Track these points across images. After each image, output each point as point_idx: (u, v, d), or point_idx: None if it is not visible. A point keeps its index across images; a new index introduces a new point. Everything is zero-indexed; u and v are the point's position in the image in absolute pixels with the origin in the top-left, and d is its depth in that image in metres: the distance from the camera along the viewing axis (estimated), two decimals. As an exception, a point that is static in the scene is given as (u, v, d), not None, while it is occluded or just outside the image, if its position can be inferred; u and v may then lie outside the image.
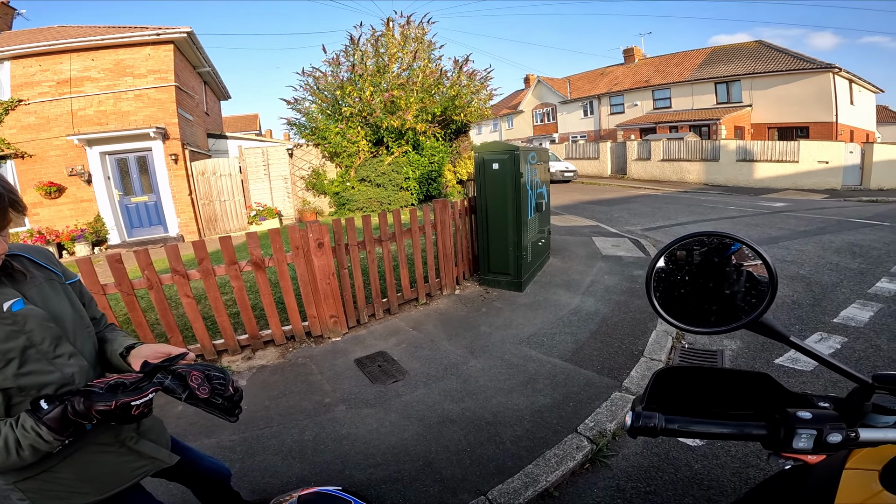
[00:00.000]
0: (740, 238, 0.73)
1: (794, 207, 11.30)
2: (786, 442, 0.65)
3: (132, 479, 1.27)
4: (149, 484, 1.38)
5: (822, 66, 19.17)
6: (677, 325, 0.76)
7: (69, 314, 1.15)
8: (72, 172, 10.30)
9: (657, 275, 0.78)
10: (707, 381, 0.72)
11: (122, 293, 3.16)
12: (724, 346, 3.54)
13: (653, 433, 0.65)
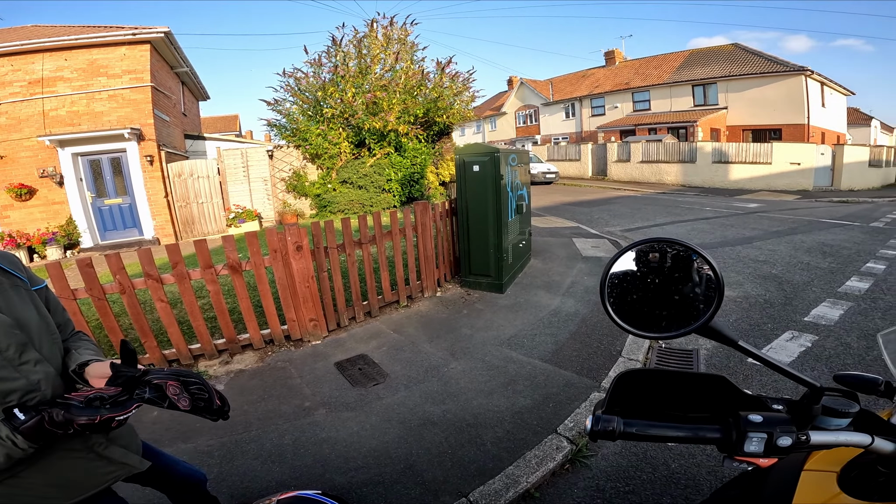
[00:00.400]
0: (689, 245, 0.74)
1: (768, 208, 11.61)
2: (737, 445, 0.65)
3: (102, 483, 1.26)
4: (124, 489, 1.37)
5: (795, 69, 19.70)
6: (630, 330, 0.76)
7: (35, 321, 1.14)
8: (43, 174, 9.98)
9: (611, 281, 0.79)
10: (668, 384, 0.73)
11: (93, 298, 3.08)
12: (700, 346, 3.61)
13: (612, 437, 0.65)
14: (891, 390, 0.79)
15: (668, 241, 0.75)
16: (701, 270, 0.73)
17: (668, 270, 0.75)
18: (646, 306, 0.76)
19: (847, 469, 0.73)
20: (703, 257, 0.72)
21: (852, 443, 0.64)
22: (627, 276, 0.78)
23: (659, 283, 0.76)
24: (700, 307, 0.71)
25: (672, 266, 0.75)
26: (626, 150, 20.81)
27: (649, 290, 0.76)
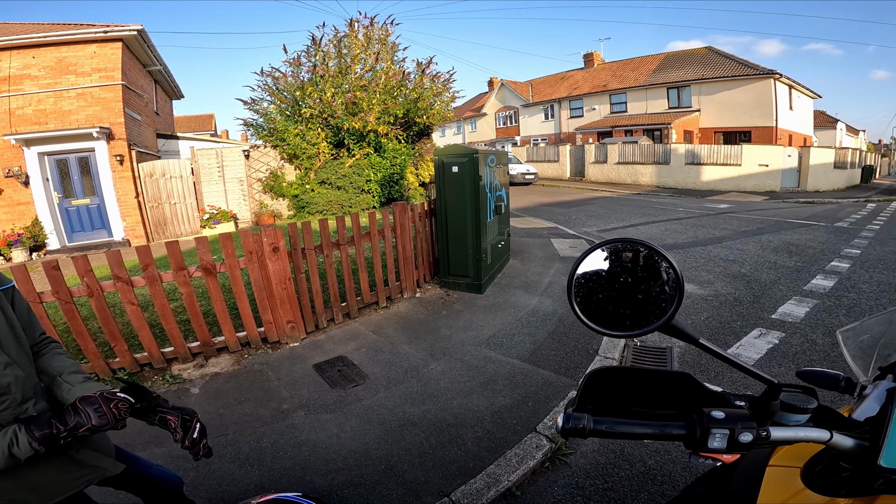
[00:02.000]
0: (651, 245, 0.76)
1: (737, 209, 11.96)
2: (702, 441, 0.66)
3: (75, 487, 1.25)
4: (98, 493, 1.35)
5: (765, 73, 20.34)
6: (596, 328, 0.78)
7: (2, 324, 1.12)
8: (8, 174, 9.59)
9: (577, 280, 0.80)
10: (635, 381, 0.74)
11: (60, 301, 2.98)
12: (674, 344, 3.70)
13: (582, 434, 0.66)
14: (851, 386, 0.82)
15: (631, 242, 0.77)
16: (663, 270, 0.75)
17: (632, 270, 0.77)
18: (611, 305, 0.78)
19: (810, 465, 0.75)
20: (665, 257, 0.74)
21: (811, 438, 0.66)
22: (593, 275, 0.79)
23: (623, 283, 0.77)
24: (663, 306, 0.73)
25: (635, 266, 0.77)
26: (603, 151, 21.15)
27: (614, 290, 0.78)
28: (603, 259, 0.79)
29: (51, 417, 1.06)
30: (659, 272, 0.75)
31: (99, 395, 1.10)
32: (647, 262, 0.76)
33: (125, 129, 10.38)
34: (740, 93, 21.08)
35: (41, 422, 1.06)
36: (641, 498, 2.12)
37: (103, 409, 1.08)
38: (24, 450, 1.03)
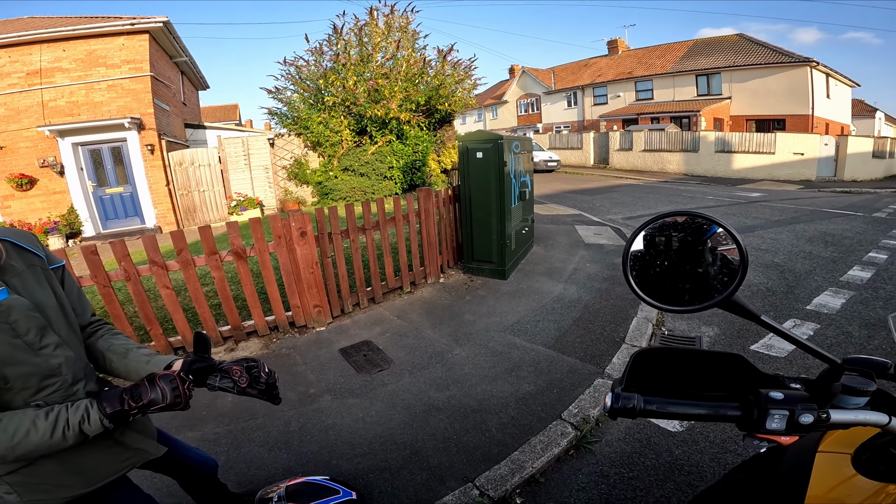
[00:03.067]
0: (713, 218, 0.73)
1: (770, 197, 11.56)
2: (759, 423, 0.65)
3: (119, 471, 1.25)
4: (135, 476, 1.37)
5: (801, 60, 19.56)
6: (653, 303, 0.76)
7: (52, 303, 1.11)
8: (43, 164, 9.95)
9: (633, 254, 0.79)
10: (683, 362, 0.73)
11: (98, 285, 3.07)
12: (703, 333, 3.62)
13: (632, 414, 0.66)
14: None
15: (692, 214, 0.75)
16: (725, 244, 0.73)
17: (691, 243, 0.75)
18: (668, 279, 0.76)
19: (860, 451, 0.73)
20: (728, 231, 0.72)
21: (870, 422, 0.64)
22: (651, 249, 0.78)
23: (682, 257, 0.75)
24: (725, 280, 0.71)
25: (695, 239, 0.75)
26: (628, 138, 20.69)
27: (672, 264, 0.76)
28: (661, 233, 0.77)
29: (122, 393, 1.05)
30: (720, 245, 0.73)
31: (178, 375, 1.10)
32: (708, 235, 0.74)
33: (155, 120, 10.64)
34: (774, 80, 20.33)
35: (112, 398, 1.05)
36: (667, 487, 2.09)
37: (180, 388, 1.08)
38: (95, 426, 1.02)
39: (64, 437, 0.98)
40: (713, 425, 2.48)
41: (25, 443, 0.94)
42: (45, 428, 0.96)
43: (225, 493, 1.88)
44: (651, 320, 3.77)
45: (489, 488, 2.10)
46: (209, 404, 2.88)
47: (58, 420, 0.98)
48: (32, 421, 0.96)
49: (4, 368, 0.96)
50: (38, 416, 0.97)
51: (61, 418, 0.98)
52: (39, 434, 0.96)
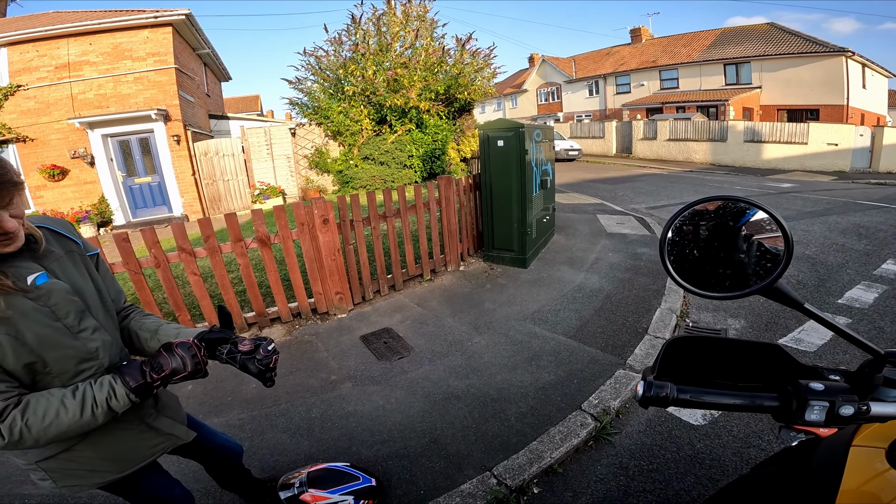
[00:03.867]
0: (756, 202, 0.71)
1: (802, 188, 11.19)
2: (798, 414, 0.64)
3: (150, 456, 1.28)
4: (163, 460, 1.40)
5: (835, 50, 18.89)
6: (691, 289, 0.74)
7: (90, 288, 1.14)
8: (74, 155, 10.27)
9: (672, 238, 0.77)
10: (717, 351, 0.71)
11: (130, 272, 3.15)
12: (728, 325, 3.54)
13: (664, 403, 0.65)
14: None
15: (733, 199, 0.73)
16: (767, 228, 0.71)
17: (731, 229, 0.73)
18: (708, 265, 0.74)
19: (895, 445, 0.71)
20: (772, 215, 0.70)
21: None
22: (690, 233, 0.76)
23: (723, 242, 0.73)
24: (767, 266, 0.69)
25: (736, 225, 0.73)
26: (652, 127, 20.24)
27: (712, 249, 0.74)
28: (700, 217, 0.75)
29: (142, 365, 1.06)
30: (763, 230, 0.71)
31: (193, 341, 1.12)
32: (749, 220, 0.72)
33: (180, 111, 10.86)
34: (807, 70, 19.66)
35: (133, 370, 1.05)
36: (687, 481, 2.07)
37: (198, 356, 1.10)
38: (122, 402, 1.03)
39: (94, 416, 0.99)
40: (737, 419, 2.43)
41: (57, 423, 0.95)
42: (74, 407, 0.97)
43: (248, 479, 1.92)
44: (675, 311, 3.71)
45: (507, 477, 2.10)
46: (234, 390, 2.95)
47: (84, 398, 0.99)
48: (61, 401, 0.96)
49: (44, 351, 0.98)
50: (65, 396, 0.98)
51: (88, 396, 0.99)
52: (70, 414, 0.96)
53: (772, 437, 2.28)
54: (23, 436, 0.92)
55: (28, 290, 0.97)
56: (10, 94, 9.91)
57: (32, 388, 0.99)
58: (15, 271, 0.96)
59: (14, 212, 0.93)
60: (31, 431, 0.93)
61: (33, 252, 1.03)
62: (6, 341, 0.92)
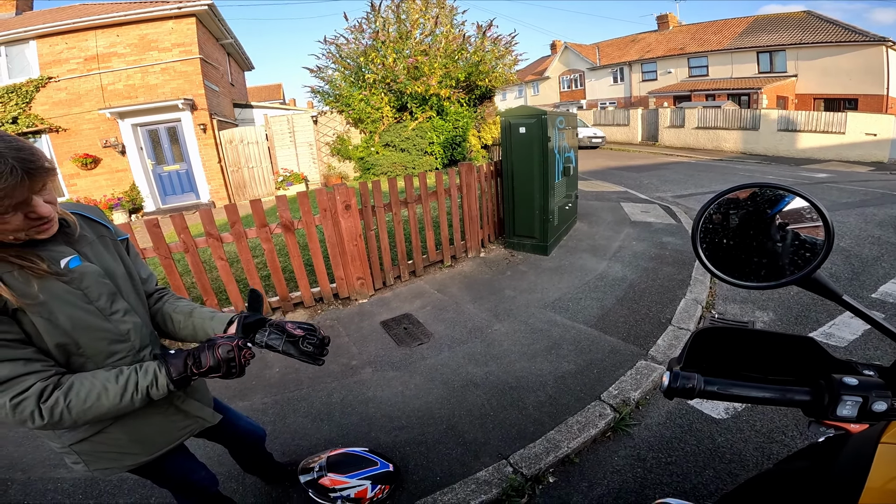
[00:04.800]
0: (795, 190, 0.68)
1: (837, 179, 10.76)
2: (829, 409, 0.62)
3: (179, 438, 1.31)
4: (189, 443, 1.43)
5: (876, 40, 18.04)
6: (724, 278, 0.73)
7: (121, 271, 1.16)
8: (106, 144, 10.59)
9: (704, 225, 0.75)
10: (746, 343, 0.69)
11: (160, 257, 3.23)
12: (756, 318, 3.45)
13: (690, 395, 0.63)
14: None
15: (771, 186, 0.71)
16: (807, 216, 0.68)
17: (768, 217, 0.71)
18: (743, 253, 0.72)
19: None
20: (812, 203, 0.67)
21: None
22: (724, 221, 0.74)
23: (758, 231, 0.71)
24: (806, 256, 0.67)
25: (773, 213, 0.71)
26: (680, 115, 19.69)
27: (749, 237, 0.72)
28: (735, 205, 0.73)
29: (186, 357, 1.07)
30: (801, 219, 0.69)
31: (235, 343, 1.10)
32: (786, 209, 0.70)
33: (206, 100, 11.06)
34: (846, 59, 18.84)
35: (178, 361, 1.06)
36: (706, 475, 2.03)
37: (236, 357, 1.08)
38: (162, 391, 1.04)
39: (132, 401, 1.01)
40: (761, 414, 2.38)
41: (97, 406, 0.97)
42: (116, 391, 0.99)
43: (270, 462, 1.96)
44: (701, 302, 3.63)
45: (523, 466, 2.10)
46: (258, 375, 3.02)
47: (128, 383, 1.01)
48: (104, 385, 0.98)
49: (77, 333, 1.01)
50: (108, 380, 1.00)
51: (131, 381, 1.01)
52: (110, 397, 0.98)
53: (795, 434, 2.22)
54: (62, 417, 0.94)
55: (61, 273, 0.99)
56: (42, 86, 10.22)
57: (66, 369, 1.02)
58: (48, 255, 0.98)
59: (47, 197, 0.95)
60: (72, 413, 0.95)
61: (66, 236, 1.05)
62: (40, 323, 0.95)
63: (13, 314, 0.93)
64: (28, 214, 0.91)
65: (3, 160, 0.84)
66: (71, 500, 2.09)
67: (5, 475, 2.28)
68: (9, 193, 0.85)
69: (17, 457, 2.40)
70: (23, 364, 0.92)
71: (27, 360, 0.93)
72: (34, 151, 0.90)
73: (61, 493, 2.14)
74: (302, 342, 1.20)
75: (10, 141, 0.88)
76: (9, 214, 0.87)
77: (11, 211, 0.87)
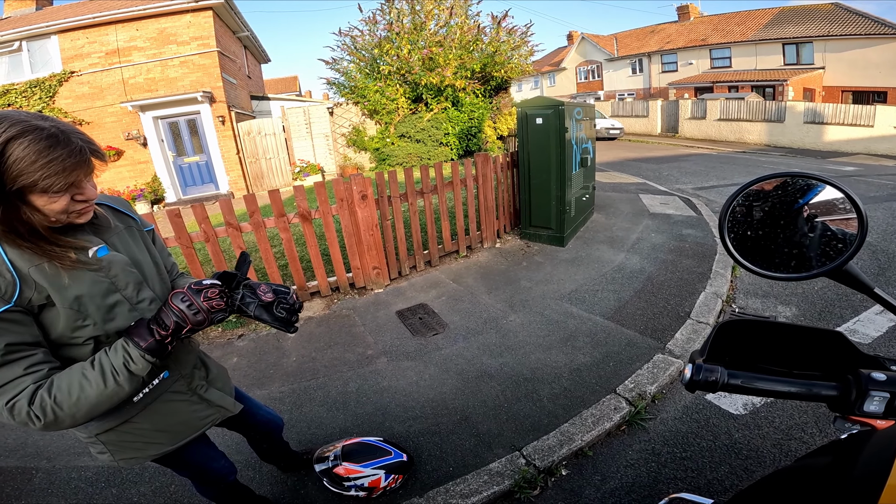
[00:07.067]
0: (827, 179, 0.66)
1: (865, 172, 10.42)
2: (857, 404, 0.61)
3: (201, 427, 1.33)
4: (209, 432, 1.45)
5: (905, 33, 17.38)
6: (753, 269, 0.71)
7: (147, 260, 1.18)
8: (128, 137, 10.81)
9: (732, 215, 0.73)
10: (770, 337, 0.68)
11: (182, 246, 3.29)
12: (778, 312, 3.38)
13: (713, 388, 0.62)
14: None
15: (802, 175, 0.69)
16: (841, 208, 0.66)
17: (799, 207, 0.69)
18: (773, 244, 0.71)
19: None
20: (845, 193, 0.65)
21: None
22: (753, 211, 0.73)
23: (788, 221, 0.70)
24: (838, 247, 0.66)
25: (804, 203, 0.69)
26: (701, 107, 19.27)
27: (778, 227, 0.70)
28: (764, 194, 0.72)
29: (149, 323, 1.02)
30: (833, 209, 0.67)
31: (186, 287, 1.04)
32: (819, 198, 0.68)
33: (224, 93, 11.18)
34: (875, 52, 18.25)
35: (140, 330, 1.01)
36: (721, 470, 2.00)
37: (193, 301, 1.02)
38: (141, 364, 0.98)
39: (117, 383, 0.96)
40: (780, 410, 2.33)
41: (85, 397, 0.93)
42: (96, 378, 0.95)
43: (287, 451, 1.99)
44: (721, 296, 3.56)
45: (536, 458, 2.09)
46: (276, 363, 3.06)
47: (103, 366, 0.96)
48: (81, 373, 0.95)
49: (105, 323, 1.02)
50: (84, 368, 0.96)
51: (105, 363, 0.96)
52: (93, 385, 0.94)
53: (815, 431, 2.18)
54: (56, 414, 0.91)
55: (90, 263, 1.00)
56: (65, 80, 10.45)
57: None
58: (77, 245, 0.99)
59: (92, 183, 0.97)
60: (63, 408, 0.91)
61: (94, 227, 1.07)
62: (68, 315, 0.95)
63: (39, 310, 0.93)
64: (75, 196, 0.93)
65: (72, 139, 0.88)
66: (94, 488, 2.14)
67: (31, 463, 2.35)
68: (70, 171, 0.87)
69: (43, 445, 2.47)
70: (22, 367, 0.90)
71: (31, 363, 0.92)
72: (91, 139, 0.94)
73: (84, 481, 2.19)
74: (276, 307, 1.16)
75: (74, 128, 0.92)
76: (60, 194, 0.89)
77: (64, 191, 0.89)
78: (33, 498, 2.13)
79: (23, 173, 0.83)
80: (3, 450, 2.48)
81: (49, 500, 2.11)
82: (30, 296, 0.91)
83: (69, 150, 0.87)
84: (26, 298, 0.90)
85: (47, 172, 0.85)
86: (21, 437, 2.57)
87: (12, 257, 0.89)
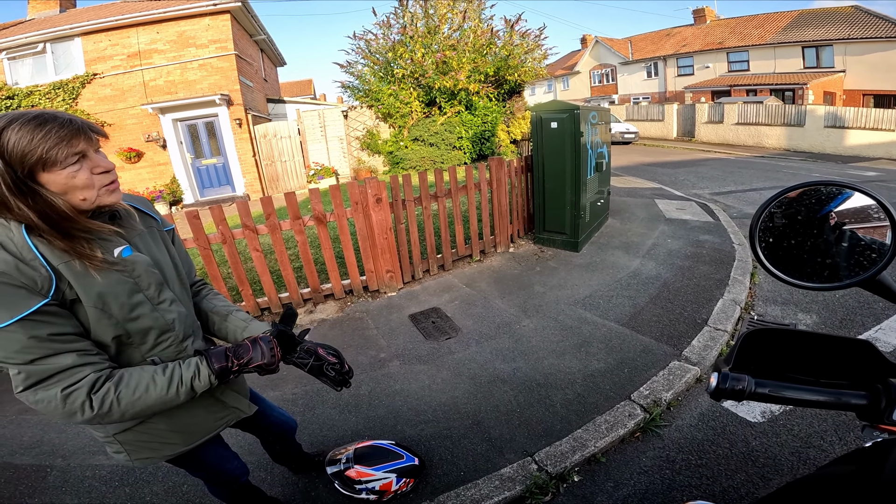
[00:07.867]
0: (860, 187, 0.66)
1: (887, 178, 10.17)
2: (886, 412, 0.61)
3: (216, 428, 1.34)
4: (223, 433, 1.46)
5: (928, 37, 17.00)
6: (785, 278, 0.71)
7: (168, 261, 1.20)
8: (148, 138, 11.03)
9: (763, 224, 0.73)
10: (796, 345, 0.68)
11: (199, 247, 3.34)
12: (798, 321, 3.31)
13: (740, 396, 0.62)
14: None
15: (837, 185, 0.68)
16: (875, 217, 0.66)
17: (830, 216, 0.69)
18: (805, 253, 0.70)
19: None
20: (879, 202, 0.65)
21: None
22: (784, 220, 0.72)
23: (820, 230, 0.69)
24: (872, 257, 0.65)
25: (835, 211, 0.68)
26: (718, 111, 19.02)
27: (808, 237, 0.70)
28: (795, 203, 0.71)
29: (227, 350, 1.11)
30: (866, 217, 0.66)
31: (273, 337, 1.18)
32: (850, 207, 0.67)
33: (241, 96, 11.36)
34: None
35: (219, 354, 1.10)
36: (737, 478, 1.97)
37: (275, 351, 1.16)
38: (204, 383, 1.07)
39: (177, 394, 1.03)
40: (799, 418, 2.29)
41: (145, 398, 0.99)
42: (163, 384, 1.01)
43: (300, 453, 2.00)
44: (739, 303, 3.50)
45: (548, 464, 2.07)
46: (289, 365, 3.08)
47: (173, 376, 1.03)
48: (151, 377, 1.01)
49: (127, 323, 1.03)
50: (156, 372, 1.02)
51: (175, 374, 1.03)
52: (157, 390, 1.00)
53: (835, 439, 2.13)
54: (111, 408, 0.95)
55: (115, 263, 1.01)
56: (88, 82, 10.71)
57: (116, 360, 1.05)
58: (103, 245, 1.01)
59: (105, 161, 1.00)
60: (121, 405, 0.96)
61: (119, 225, 1.08)
62: (94, 314, 0.97)
63: (70, 305, 0.95)
64: (93, 170, 0.96)
65: (59, 115, 0.93)
66: (107, 487, 2.17)
67: (46, 461, 2.39)
68: (70, 139, 0.91)
69: (59, 444, 2.51)
70: (77, 356, 0.94)
71: (82, 351, 0.95)
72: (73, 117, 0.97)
73: (99, 480, 2.22)
74: (326, 367, 1.30)
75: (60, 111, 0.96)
76: (75, 167, 0.92)
77: (74, 162, 0.92)
78: (47, 496, 2.16)
79: (25, 152, 0.86)
80: (18, 447, 2.53)
81: (63, 498, 2.14)
82: (64, 289, 0.93)
83: (59, 123, 0.91)
84: (61, 292, 0.93)
85: (48, 144, 0.88)
86: (37, 434, 2.62)
87: (43, 252, 0.91)
